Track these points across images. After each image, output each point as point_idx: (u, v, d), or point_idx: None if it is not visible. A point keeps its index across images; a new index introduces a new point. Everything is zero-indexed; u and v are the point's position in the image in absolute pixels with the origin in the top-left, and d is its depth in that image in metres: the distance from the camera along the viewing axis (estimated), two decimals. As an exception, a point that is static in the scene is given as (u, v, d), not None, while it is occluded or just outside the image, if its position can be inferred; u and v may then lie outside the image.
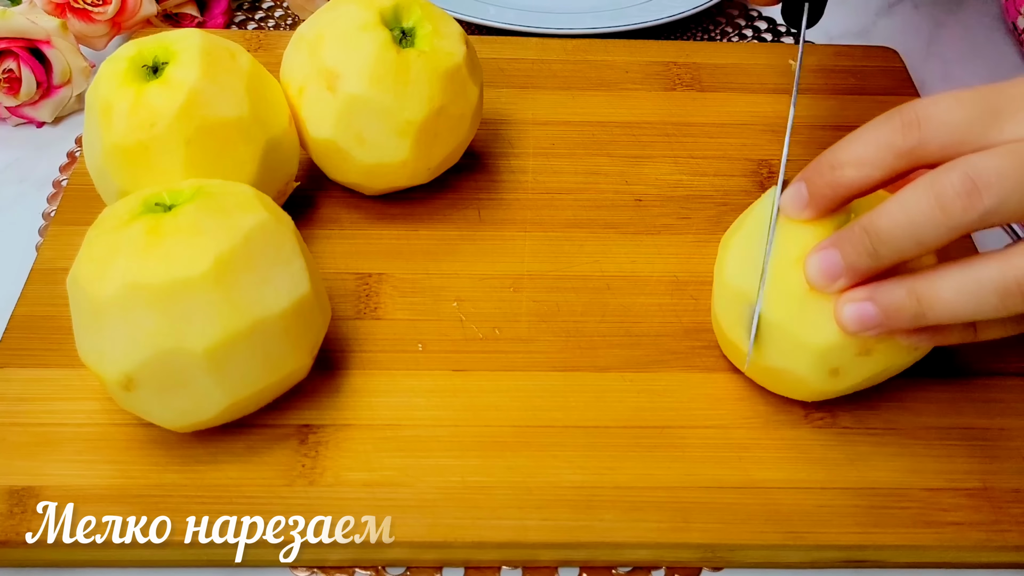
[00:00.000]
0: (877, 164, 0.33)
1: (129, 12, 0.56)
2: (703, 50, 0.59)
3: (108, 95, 0.41)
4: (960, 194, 0.31)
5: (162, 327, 0.34)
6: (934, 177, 0.32)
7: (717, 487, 0.38)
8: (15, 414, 0.40)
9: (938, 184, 0.32)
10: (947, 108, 0.32)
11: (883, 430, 0.40)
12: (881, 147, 0.33)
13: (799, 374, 0.38)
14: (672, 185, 0.51)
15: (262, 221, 0.37)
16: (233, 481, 0.38)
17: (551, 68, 0.57)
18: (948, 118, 0.32)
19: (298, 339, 0.38)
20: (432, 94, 0.43)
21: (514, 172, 0.51)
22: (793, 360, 0.38)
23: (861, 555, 0.38)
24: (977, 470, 0.39)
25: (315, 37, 0.44)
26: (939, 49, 0.63)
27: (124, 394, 0.36)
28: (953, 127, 0.32)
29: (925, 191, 0.32)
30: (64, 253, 0.45)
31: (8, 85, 0.53)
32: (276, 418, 0.40)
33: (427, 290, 0.45)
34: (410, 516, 0.37)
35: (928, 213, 0.32)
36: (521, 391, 0.41)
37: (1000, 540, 0.38)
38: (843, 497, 0.38)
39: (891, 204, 0.33)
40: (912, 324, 0.34)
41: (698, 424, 0.40)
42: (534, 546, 0.37)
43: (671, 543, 0.37)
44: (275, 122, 0.44)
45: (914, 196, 0.32)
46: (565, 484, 0.38)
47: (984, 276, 0.32)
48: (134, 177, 0.41)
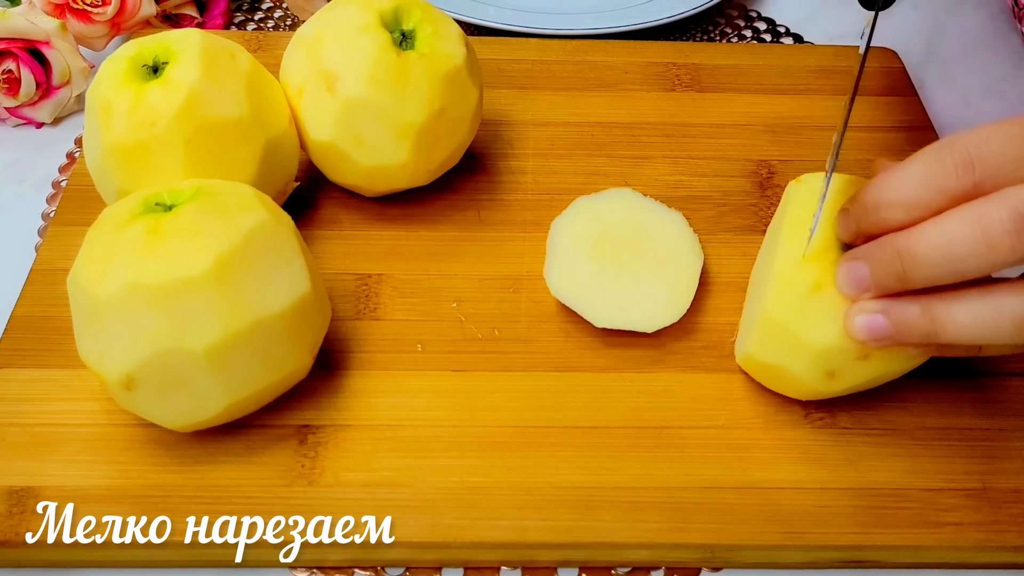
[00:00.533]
0: (929, 207, 0.31)
1: (128, 13, 0.56)
2: (703, 51, 0.59)
3: (108, 95, 0.41)
4: (1009, 231, 0.30)
5: (162, 327, 0.34)
6: (982, 209, 0.31)
7: (716, 487, 0.38)
8: (15, 414, 0.40)
9: (986, 217, 0.30)
10: (1001, 148, 0.31)
11: (883, 430, 0.40)
12: (933, 190, 0.31)
13: (795, 373, 0.38)
14: (672, 186, 0.51)
15: (262, 221, 0.37)
16: (233, 481, 0.38)
17: (551, 69, 0.57)
18: (1003, 158, 0.31)
19: (298, 339, 0.38)
20: (432, 96, 0.43)
21: (514, 173, 0.51)
22: (791, 359, 0.38)
23: (860, 555, 0.38)
24: (977, 470, 0.39)
25: (314, 38, 0.44)
26: (939, 49, 0.63)
27: (124, 394, 0.36)
28: (1009, 168, 0.31)
29: (972, 224, 0.30)
30: (64, 253, 0.45)
31: (7, 86, 0.53)
32: (276, 418, 0.40)
33: (427, 291, 0.45)
34: (409, 516, 0.37)
35: (971, 247, 0.31)
36: (520, 391, 0.41)
37: (999, 540, 0.38)
38: (842, 497, 0.38)
39: (931, 230, 0.31)
40: (922, 341, 0.33)
41: (697, 424, 0.40)
42: (533, 546, 0.37)
43: (670, 543, 0.37)
44: (275, 122, 0.44)
45: (959, 227, 0.31)
46: (564, 484, 0.38)
47: (1004, 306, 0.32)
48: (134, 177, 0.41)
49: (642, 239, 0.45)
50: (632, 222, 0.46)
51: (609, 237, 0.45)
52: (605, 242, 0.45)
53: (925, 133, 0.54)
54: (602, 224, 0.46)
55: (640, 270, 0.44)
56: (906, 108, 0.55)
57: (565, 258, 0.44)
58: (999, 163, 0.31)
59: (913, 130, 0.54)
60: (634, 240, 0.45)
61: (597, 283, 0.43)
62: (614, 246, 0.45)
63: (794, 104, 0.55)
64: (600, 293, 0.43)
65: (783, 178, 0.51)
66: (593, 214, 0.46)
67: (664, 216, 0.46)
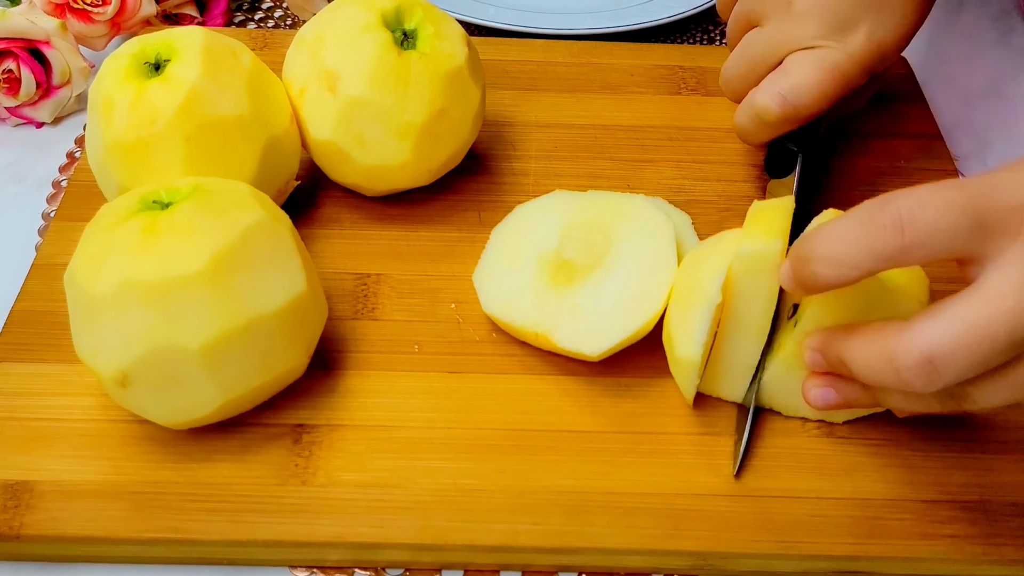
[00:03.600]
0: (854, 266, 0.32)
1: (128, 12, 0.56)
2: (708, 54, 0.58)
3: (110, 91, 0.41)
4: (919, 375, 0.31)
5: (157, 324, 0.35)
6: (893, 352, 0.31)
7: (710, 494, 0.38)
8: (11, 409, 0.40)
9: (896, 360, 0.31)
10: (936, 215, 0.30)
11: (879, 441, 0.40)
12: (861, 249, 0.31)
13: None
14: (674, 189, 0.50)
15: (259, 219, 0.37)
16: (226, 479, 0.38)
17: (555, 71, 0.56)
18: (936, 227, 0.30)
19: (294, 338, 0.38)
20: (433, 96, 0.43)
21: (516, 175, 0.51)
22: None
23: (854, 566, 0.37)
24: (975, 483, 0.39)
25: (316, 38, 0.44)
26: (939, 49, 0.63)
27: (119, 390, 0.36)
28: (940, 237, 0.30)
29: (886, 362, 0.32)
30: (65, 249, 0.45)
31: (8, 85, 0.54)
32: (271, 417, 0.40)
33: (425, 291, 0.45)
34: (401, 517, 0.37)
35: (889, 379, 0.32)
36: (516, 394, 0.41)
37: (996, 554, 0.37)
38: (838, 507, 0.38)
39: (855, 351, 0.33)
40: (871, 408, 0.38)
41: (692, 431, 0.40)
42: (525, 550, 0.37)
43: (663, 550, 0.37)
44: (276, 121, 0.44)
45: (875, 361, 0.32)
46: (557, 489, 0.38)
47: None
48: (134, 174, 0.41)
49: (603, 244, 0.42)
50: (591, 224, 0.43)
51: (561, 245, 0.43)
52: (553, 254, 0.42)
53: (933, 142, 0.53)
54: (549, 232, 0.43)
55: (596, 284, 0.41)
56: (915, 115, 0.55)
57: (505, 275, 0.42)
58: (931, 231, 0.30)
59: (920, 138, 0.53)
60: (592, 245, 0.42)
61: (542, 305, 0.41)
62: (567, 255, 0.42)
63: (800, 109, 0.55)
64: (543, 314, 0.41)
65: (786, 184, 0.51)
66: (540, 218, 0.44)
67: (630, 209, 0.43)
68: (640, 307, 0.40)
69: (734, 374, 0.40)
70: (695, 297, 0.37)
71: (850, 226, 0.32)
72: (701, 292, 0.37)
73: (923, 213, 0.30)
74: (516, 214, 0.45)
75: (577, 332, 0.40)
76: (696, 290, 0.38)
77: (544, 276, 0.42)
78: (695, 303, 0.37)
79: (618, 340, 0.39)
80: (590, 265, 0.42)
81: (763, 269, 0.37)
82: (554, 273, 0.42)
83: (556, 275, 0.42)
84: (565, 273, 0.42)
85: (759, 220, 0.38)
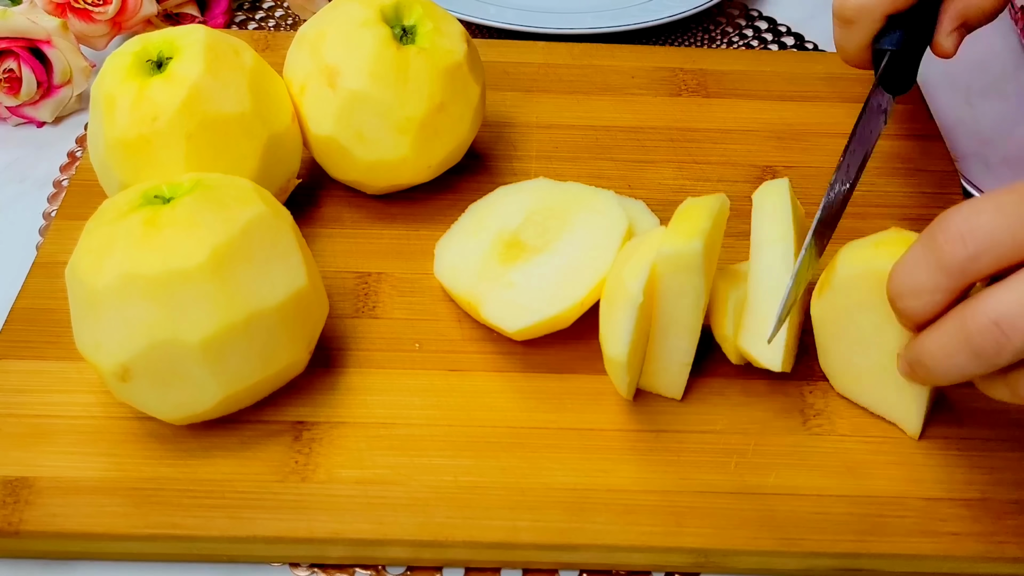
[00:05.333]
0: (933, 289, 0.32)
1: (129, 12, 0.56)
2: (710, 56, 0.58)
3: (112, 89, 0.41)
4: (988, 340, 0.31)
5: (158, 318, 0.35)
6: (964, 319, 0.32)
7: (711, 492, 0.38)
8: (12, 405, 0.40)
9: (967, 328, 0.31)
10: (991, 218, 0.31)
11: (881, 438, 0.40)
12: (932, 271, 0.32)
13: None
14: (675, 190, 0.50)
15: (260, 214, 0.37)
16: (226, 476, 0.38)
17: (556, 72, 0.57)
18: (994, 227, 0.31)
19: (294, 333, 0.38)
20: (432, 91, 0.43)
21: (516, 175, 0.51)
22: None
23: (856, 563, 0.37)
24: (977, 480, 0.39)
25: (316, 35, 0.44)
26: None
27: (120, 385, 0.36)
28: (1002, 237, 0.31)
29: (961, 338, 0.32)
30: (66, 247, 0.45)
31: (8, 85, 0.54)
32: (271, 414, 0.40)
33: (426, 290, 0.45)
34: (401, 514, 0.37)
35: (965, 360, 0.32)
36: (516, 392, 0.41)
37: (998, 551, 0.37)
38: (839, 504, 0.38)
39: (928, 344, 0.33)
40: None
41: (693, 428, 0.40)
42: (525, 547, 0.37)
43: (664, 547, 0.37)
44: (277, 119, 0.44)
45: (950, 340, 0.32)
46: (558, 486, 0.38)
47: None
48: (136, 171, 0.41)
49: (555, 229, 0.43)
50: (554, 210, 0.44)
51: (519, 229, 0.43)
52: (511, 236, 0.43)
53: (933, 142, 0.53)
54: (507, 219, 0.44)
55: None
56: (915, 115, 0.55)
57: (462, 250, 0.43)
58: (992, 233, 0.31)
59: (920, 138, 0.54)
60: (547, 229, 0.43)
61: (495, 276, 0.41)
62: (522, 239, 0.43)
63: (800, 111, 0.55)
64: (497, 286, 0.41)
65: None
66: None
67: (593, 201, 0.44)
68: (564, 294, 0.40)
69: (672, 371, 0.40)
70: (619, 297, 0.38)
71: (916, 253, 0.33)
72: (624, 292, 0.37)
73: (979, 219, 0.31)
74: (496, 193, 0.46)
75: (503, 307, 0.40)
76: (620, 290, 0.38)
77: (495, 251, 0.43)
78: (619, 303, 0.37)
79: (536, 321, 0.40)
80: (537, 247, 0.42)
81: (685, 268, 0.37)
82: (504, 250, 0.43)
83: (505, 252, 0.43)
84: (514, 251, 0.42)
85: (682, 219, 0.38)
